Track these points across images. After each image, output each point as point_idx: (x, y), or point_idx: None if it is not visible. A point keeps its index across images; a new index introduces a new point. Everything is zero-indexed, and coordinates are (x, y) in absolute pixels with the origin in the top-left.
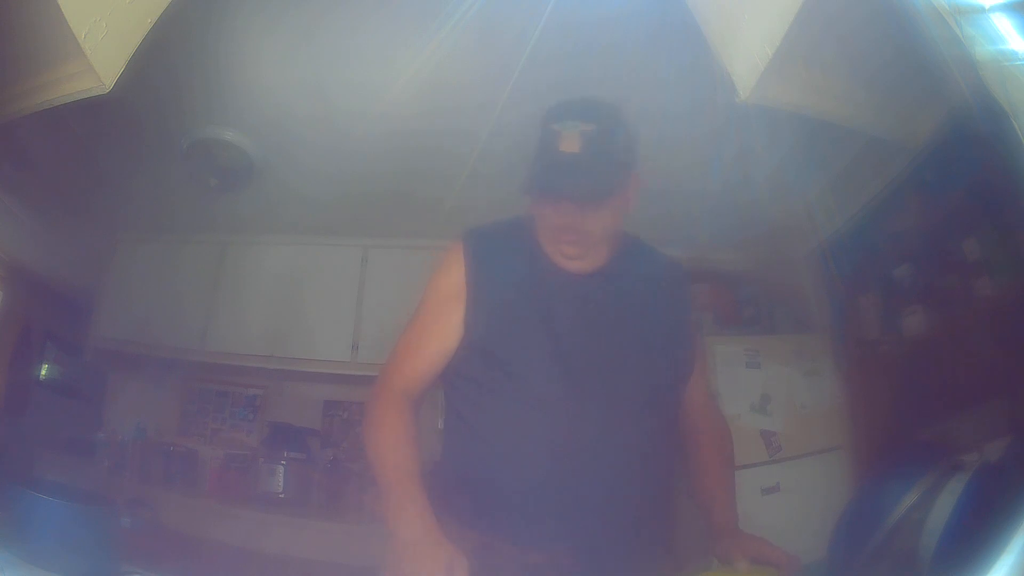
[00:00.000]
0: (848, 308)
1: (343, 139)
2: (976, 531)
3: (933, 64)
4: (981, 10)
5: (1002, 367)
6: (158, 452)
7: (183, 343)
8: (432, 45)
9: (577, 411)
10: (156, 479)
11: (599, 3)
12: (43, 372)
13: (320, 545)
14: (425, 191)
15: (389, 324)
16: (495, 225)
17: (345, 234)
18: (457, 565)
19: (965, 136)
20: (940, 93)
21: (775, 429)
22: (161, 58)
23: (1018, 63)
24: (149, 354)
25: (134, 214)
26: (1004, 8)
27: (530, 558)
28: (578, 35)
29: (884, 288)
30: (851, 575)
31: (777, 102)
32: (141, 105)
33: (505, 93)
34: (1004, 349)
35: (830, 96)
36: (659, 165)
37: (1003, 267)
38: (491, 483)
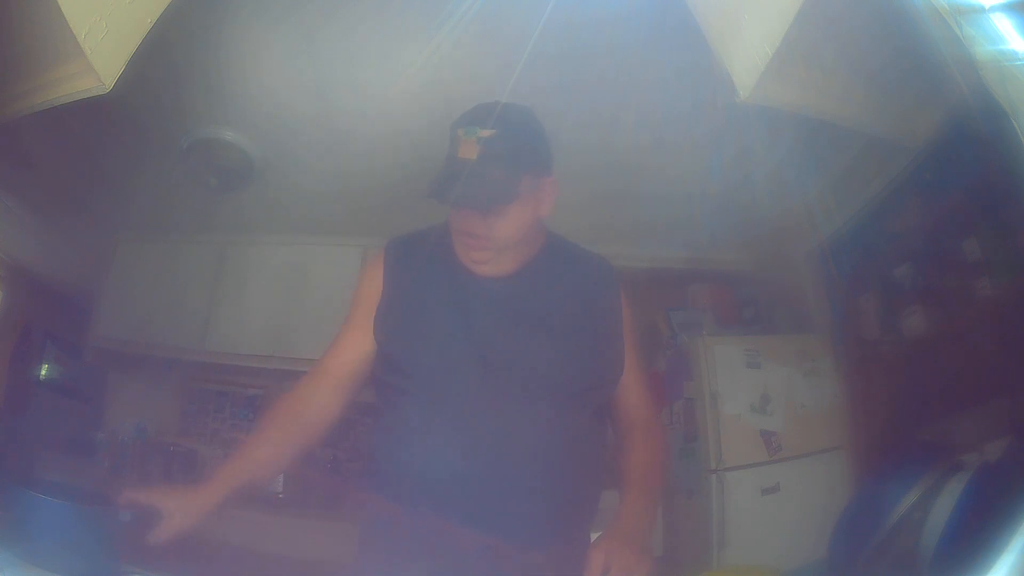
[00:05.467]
0: (848, 308)
1: (343, 139)
2: (976, 531)
3: (933, 64)
4: (981, 10)
5: (1002, 367)
6: (158, 452)
7: (183, 343)
8: (432, 45)
9: (479, 415)
10: (156, 479)
11: (599, 3)
12: (43, 372)
13: (320, 545)
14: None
15: None
16: (419, 232)
17: (345, 234)
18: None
19: (965, 136)
20: (940, 93)
21: (775, 429)
22: (161, 58)
23: (1018, 63)
24: (149, 354)
25: (134, 214)
26: (1004, 8)
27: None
28: (578, 35)
29: (884, 288)
30: (851, 575)
31: (777, 102)
32: (141, 105)
33: (505, 93)
34: (1004, 349)
35: (830, 96)
36: (658, 165)
37: (1003, 267)
38: (402, 489)
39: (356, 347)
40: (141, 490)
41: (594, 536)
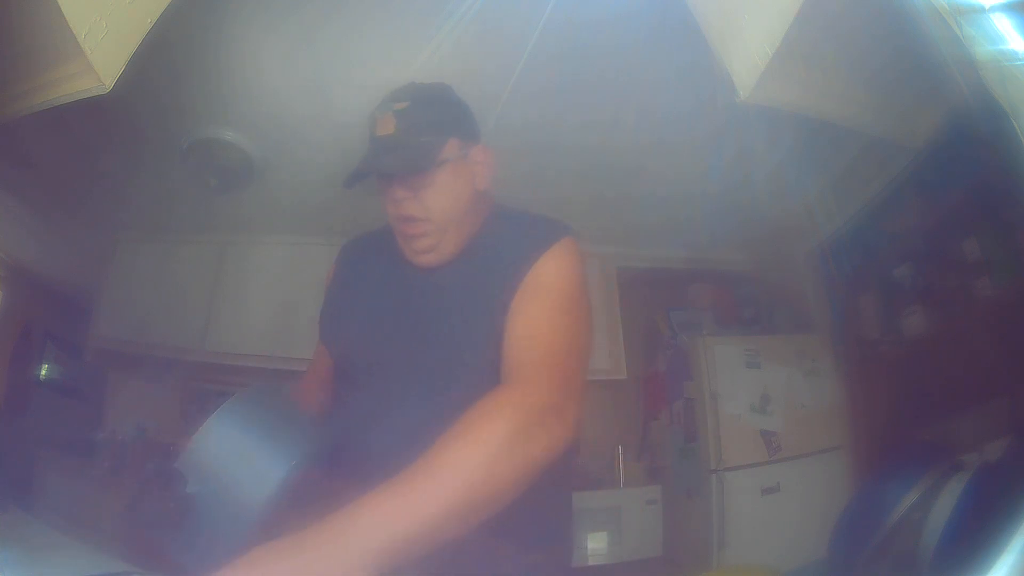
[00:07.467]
0: (848, 308)
1: (344, 139)
2: (976, 531)
3: (933, 64)
4: (981, 10)
5: (1002, 367)
6: (158, 452)
7: (183, 343)
8: (432, 45)
9: (407, 408)
10: (155, 479)
11: (599, 3)
12: (43, 372)
13: None
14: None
15: None
16: (373, 231)
17: (345, 234)
18: None
19: (965, 136)
20: (940, 93)
21: (775, 429)
22: (161, 58)
23: (1018, 63)
24: (149, 354)
25: (134, 214)
26: (1004, 8)
27: None
28: (578, 35)
29: (884, 288)
30: (851, 575)
31: (777, 102)
32: (141, 105)
33: (505, 93)
34: (1004, 349)
35: (830, 96)
36: (658, 166)
37: (1003, 267)
38: (333, 464)
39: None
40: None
41: (595, 538)
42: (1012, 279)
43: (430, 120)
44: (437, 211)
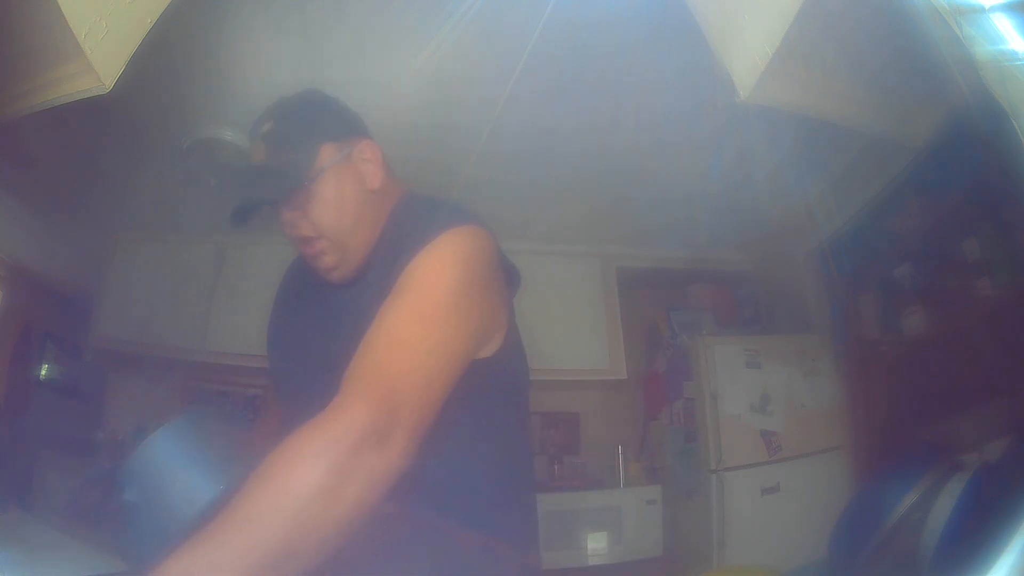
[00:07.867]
0: (848, 308)
1: None
2: (976, 531)
3: (933, 64)
4: (981, 10)
5: (1002, 367)
6: None
7: (183, 343)
8: (432, 45)
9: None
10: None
11: (599, 3)
12: (43, 372)
13: None
14: (424, 191)
15: None
16: None
17: None
18: None
19: (965, 136)
20: (940, 93)
21: (775, 429)
22: (161, 58)
23: (1018, 63)
24: (149, 354)
25: (134, 214)
26: (1004, 8)
27: None
28: (578, 35)
29: (884, 288)
30: (851, 575)
31: (777, 102)
32: (141, 105)
33: (505, 93)
34: (1004, 349)
35: (830, 96)
36: (659, 166)
37: (1003, 267)
38: None
39: None
40: None
41: (595, 538)
42: (1012, 279)
43: (297, 133)
44: (327, 225)
